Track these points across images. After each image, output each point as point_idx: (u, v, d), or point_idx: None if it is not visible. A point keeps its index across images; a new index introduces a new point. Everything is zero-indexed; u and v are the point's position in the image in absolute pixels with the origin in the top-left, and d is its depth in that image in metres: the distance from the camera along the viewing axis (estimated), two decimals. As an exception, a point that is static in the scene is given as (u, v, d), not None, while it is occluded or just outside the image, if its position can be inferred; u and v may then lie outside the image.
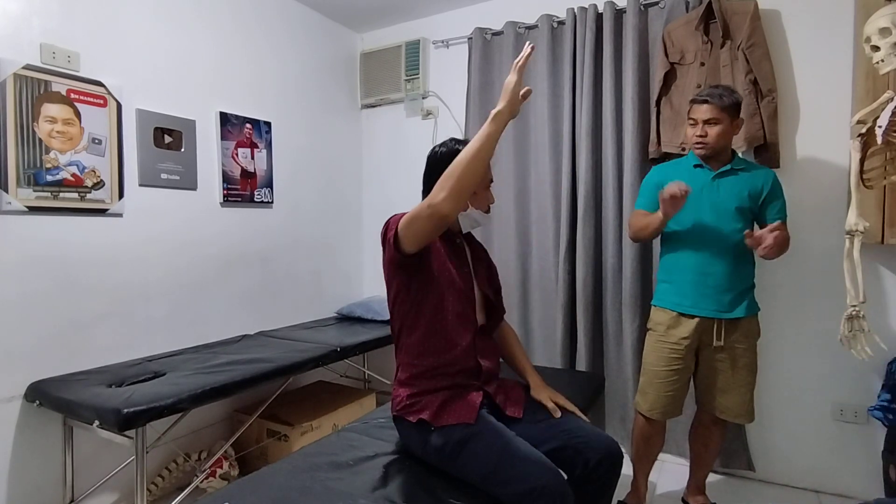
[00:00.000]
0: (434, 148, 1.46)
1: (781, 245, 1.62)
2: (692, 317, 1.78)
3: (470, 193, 1.25)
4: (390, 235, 1.29)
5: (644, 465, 1.98)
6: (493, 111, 1.20)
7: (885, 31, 1.49)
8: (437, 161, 1.41)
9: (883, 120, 1.48)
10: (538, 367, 1.83)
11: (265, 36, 2.71)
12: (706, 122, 1.73)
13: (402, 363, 1.43)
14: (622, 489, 1.96)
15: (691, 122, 1.79)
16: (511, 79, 1.21)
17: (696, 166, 1.82)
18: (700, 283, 1.77)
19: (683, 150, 2.20)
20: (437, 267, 1.38)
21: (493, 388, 1.46)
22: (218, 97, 2.47)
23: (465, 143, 1.48)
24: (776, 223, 1.58)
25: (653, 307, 1.92)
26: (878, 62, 1.53)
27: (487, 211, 1.48)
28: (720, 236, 1.74)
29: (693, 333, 1.78)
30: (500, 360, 1.59)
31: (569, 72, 2.55)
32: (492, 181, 1.50)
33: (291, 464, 1.34)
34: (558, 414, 1.45)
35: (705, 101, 1.73)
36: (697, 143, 1.77)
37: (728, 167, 1.78)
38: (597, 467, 1.34)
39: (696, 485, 2.02)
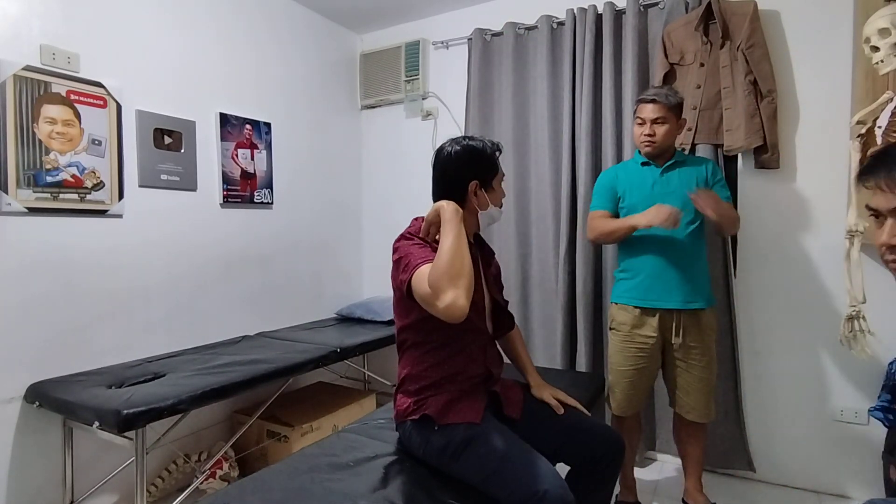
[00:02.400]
0: (443, 147, 1.40)
1: (722, 211, 1.69)
2: (654, 312, 1.81)
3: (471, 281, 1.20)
4: (403, 279, 1.26)
5: (629, 459, 2.00)
6: (444, 212, 1.24)
7: (884, 32, 1.49)
8: (452, 161, 1.37)
9: (882, 120, 1.49)
10: (538, 367, 1.83)
11: (265, 37, 2.71)
12: (654, 121, 1.80)
13: (409, 375, 1.40)
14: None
15: (639, 121, 1.84)
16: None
17: (643, 164, 1.89)
18: (659, 275, 1.80)
19: (684, 150, 2.21)
20: None
21: (497, 388, 1.47)
22: (217, 98, 2.47)
23: (476, 139, 1.42)
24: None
25: (613, 305, 1.93)
26: (877, 63, 1.53)
27: (500, 206, 1.47)
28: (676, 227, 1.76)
29: (657, 331, 1.81)
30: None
31: (568, 72, 2.55)
32: (504, 174, 1.47)
33: (291, 465, 1.34)
34: (561, 410, 1.48)
35: (653, 101, 1.79)
36: (645, 141, 1.83)
37: (672, 161, 1.86)
38: (603, 457, 1.41)
39: (694, 484, 2.01)
